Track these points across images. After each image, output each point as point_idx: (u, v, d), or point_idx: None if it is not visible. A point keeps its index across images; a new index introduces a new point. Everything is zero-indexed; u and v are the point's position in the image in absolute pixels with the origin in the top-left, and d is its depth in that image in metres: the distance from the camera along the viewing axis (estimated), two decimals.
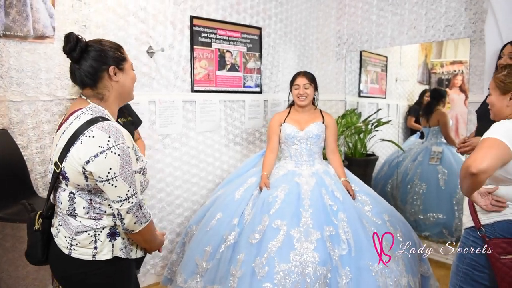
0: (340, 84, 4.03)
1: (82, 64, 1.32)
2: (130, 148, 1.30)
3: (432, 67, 4.08)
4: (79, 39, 1.32)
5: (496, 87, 1.65)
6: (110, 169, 1.24)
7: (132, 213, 1.29)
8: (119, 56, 1.39)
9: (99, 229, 1.33)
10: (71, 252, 1.32)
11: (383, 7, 3.56)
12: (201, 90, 3.06)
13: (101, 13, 2.49)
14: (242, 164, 2.98)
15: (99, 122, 1.27)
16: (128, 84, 1.43)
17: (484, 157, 1.46)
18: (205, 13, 3.04)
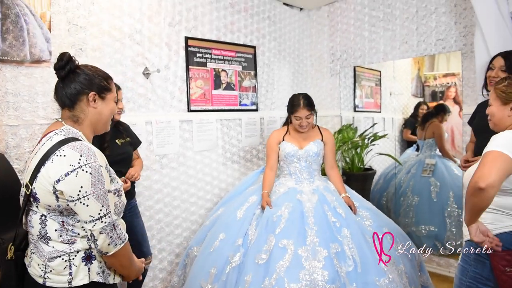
0: (335, 100, 4.06)
1: (67, 84, 1.35)
2: (102, 167, 1.28)
3: (425, 80, 4.14)
4: (71, 60, 1.35)
5: (497, 97, 1.65)
6: (81, 187, 1.21)
7: (105, 233, 1.26)
8: (104, 86, 1.40)
9: (73, 253, 1.28)
10: (45, 281, 1.28)
11: (375, 23, 3.62)
12: (198, 110, 3.07)
13: (96, 37, 2.52)
14: (241, 181, 2.96)
15: (71, 142, 1.26)
16: (106, 113, 1.42)
17: (491, 172, 1.44)
18: (199, 33, 3.09)
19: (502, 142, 1.49)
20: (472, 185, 1.48)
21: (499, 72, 2.20)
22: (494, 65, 2.24)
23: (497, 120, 1.66)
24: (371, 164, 4.13)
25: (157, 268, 2.88)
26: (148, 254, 2.49)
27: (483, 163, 1.49)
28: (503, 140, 1.50)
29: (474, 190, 1.47)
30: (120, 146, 2.31)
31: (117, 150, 2.27)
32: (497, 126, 1.68)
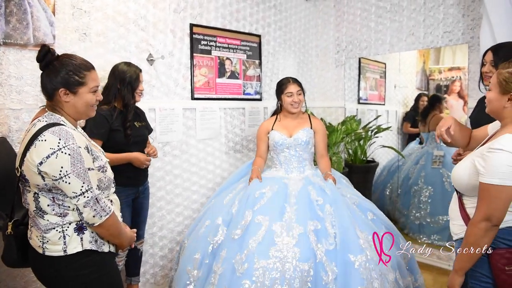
0: (340, 91, 4.03)
1: (43, 77, 1.45)
2: (81, 148, 1.39)
3: (430, 74, 4.10)
4: (49, 52, 1.43)
5: (497, 83, 1.51)
6: (61, 167, 1.34)
7: (89, 207, 1.39)
8: (75, 81, 1.44)
9: (65, 225, 1.42)
10: (44, 250, 1.42)
11: (382, 14, 3.58)
12: (201, 98, 3.06)
13: (101, 22, 2.50)
14: (232, 175, 2.89)
15: (52, 127, 1.37)
16: (80, 106, 1.48)
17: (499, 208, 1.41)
18: (205, 21, 3.05)
19: (503, 170, 1.40)
20: (485, 225, 1.43)
21: (490, 67, 2.15)
22: (486, 60, 2.18)
23: (494, 108, 1.55)
24: (374, 157, 4.12)
25: (157, 255, 2.89)
26: (141, 238, 2.57)
27: (489, 198, 1.43)
28: (504, 168, 1.40)
29: (488, 228, 1.43)
30: (139, 128, 2.39)
31: (136, 132, 2.35)
32: (492, 113, 1.58)
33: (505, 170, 1.40)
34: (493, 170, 1.42)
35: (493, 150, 1.44)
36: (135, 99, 2.33)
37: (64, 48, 2.35)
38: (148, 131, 2.51)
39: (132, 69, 2.30)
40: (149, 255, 2.83)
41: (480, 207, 1.46)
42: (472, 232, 1.48)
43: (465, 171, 1.57)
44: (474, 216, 1.50)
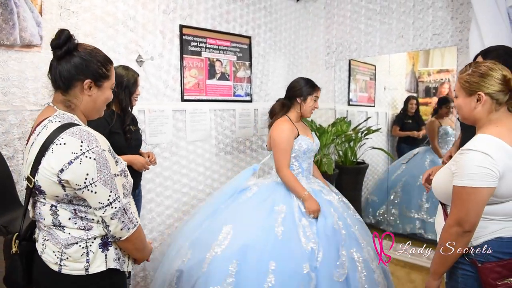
0: (330, 93, 4.05)
1: (62, 64, 1.25)
2: (106, 151, 1.22)
3: (420, 76, 4.14)
4: (70, 38, 1.24)
5: (461, 88, 1.46)
6: (87, 175, 1.16)
7: (116, 219, 1.23)
8: (102, 73, 1.29)
9: (90, 240, 1.25)
10: (61, 268, 1.24)
11: (371, 16, 3.60)
12: (191, 99, 3.04)
13: (89, 22, 2.47)
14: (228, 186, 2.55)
15: (69, 128, 1.19)
16: (100, 102, 1.34)
17: (470, 212, 1.35)
18: (194, 22, 3.04)
19: (473, 171, 1.33)
20: (456, 230, 1.38)
21: None
22: None
23: (465, 113, 1.49)
24: (364, 158, 4.14)
25: None
26: None
27: (459, 201, 1.37)
28: (474, 169, 1.33)
29: (459, 233, 1.38)
30: (135, 132, 2.37)
31: (134, 136, 2.33)
32: (466, 120, 1.52)
33: (474, 170, 1.33)
34: (463, 171, 1.36)
35: (464, 151, 1.38)
36: (132, 103, 2.31)
37: None
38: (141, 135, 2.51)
39: (130, 73, 2.28)
40: None
41: (452, 211, 1.41)
42: (444, 237, 1.43)
43: (443, 178, 1.50)
44: (447, 220, 1.44)
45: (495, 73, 1.41)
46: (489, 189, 1.34)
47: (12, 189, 2.14)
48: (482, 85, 1.41)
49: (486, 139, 1.37)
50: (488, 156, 1.32)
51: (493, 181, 1.33)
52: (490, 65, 1.43)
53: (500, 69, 1.42)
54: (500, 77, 1.41)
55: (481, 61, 1.49)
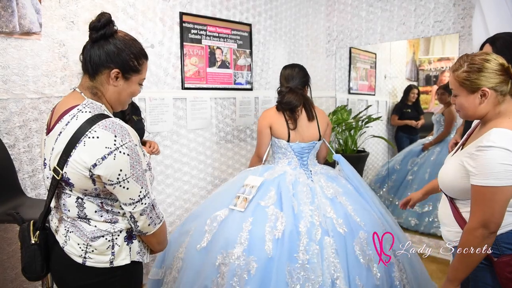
0: (331, 81, 4.03)
1: (94, 49, 1.20)
2: (137, 145, 1.19)
3: (420, 64, 4.11)
4: (109, 24, 1.20)
5: (460, 86, 1.39)
6: (120, 170, 1.13)
7: (146, 215, 1.21)
8: (133, 65, 1.24)
9: (116, 233, 1.24)
10: (85, 261, 1.22)
11: (373, 3, 3.57)
12: (192, 87, 3.03)
13: (88, 9, 2.45)
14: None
15: (101, 120, 1.14)
16: (125, 95, 1.28)
17: (494, 212, 1.29)
18: (194, 9, 3.01)
19: (497, 169, 1.27)
20: (481, 233, 1.30)
21: None
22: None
23: (469, 111, 1.42)
24: (364, 147, 4.14)
25: None
26: None
27: (484, 201, 1.30)
28: (498, 167, 1.27)
29: (485, 237, 1.30)
30: (137, 122, 2.37)
31: (136, 125, 2.30)
32: (470, 117, 1.45)
33: (499, 168, 1.26)
34: (485, 170, 1.28)
35: (483, 148, 1.30)
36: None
37: (51, 36, 2.30)
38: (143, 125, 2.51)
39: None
40: None
41: (475, 213, 1.32)
42: (468, 241, 1.34)
43: (455, 173, 1.43)
44: (469, 222, 1.36)
45: (492, 65, 1.35)
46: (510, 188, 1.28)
47: (13, 177, 2.15)
48: (483, 79, 1.34)
49: (505, 134, 1.30)
50: (510, 151, 1.26)
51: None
52: (484, 56, 1.37)
53: (495, 58, 1.37)
54: (499, 68, 1.35)
55: (474, 54, 1.41)
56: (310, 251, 1.94)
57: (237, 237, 2.00)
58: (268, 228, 2.00)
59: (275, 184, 2.26)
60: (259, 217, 2.07)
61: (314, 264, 1.91)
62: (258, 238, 1.97)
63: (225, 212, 2.19)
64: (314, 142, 2.45)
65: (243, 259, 1.91)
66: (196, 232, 2.20)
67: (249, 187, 2.24)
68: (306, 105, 2.44)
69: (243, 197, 2.20)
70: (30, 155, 2.26)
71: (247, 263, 1.90)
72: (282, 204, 2.13)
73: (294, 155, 2.42)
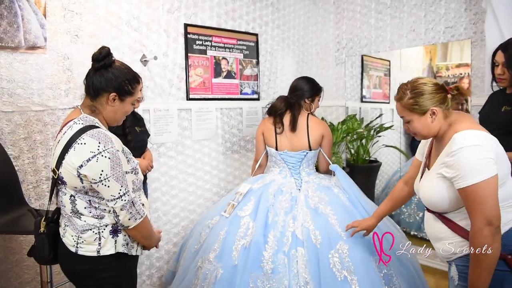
0: (341, 90, 3.97)
1: (96, 76, 1.47)
2: (119, 151, 1.43)
3: (437, 71, 3.99)
4: (109, 55, 1.48)
5: (411, 112, 1.51)
6: (102, 171, 1.37)
7: (125, 210, 1.43)
8: (127, 90, 1.51)
9: (102, 227, 1.47)
10: (78, 249, 1.46)
11: (382, 10, 3.51)
12: (197, 98, 3.03)
13: (93, 23, 2.50)
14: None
15: (90, 130, 1.40)
16: (120, 113, 1.55)
17: (492, 206, 1.33)
18: (199, 20, 3.03)
19: (477, 165, 1.34)
20: (489, 231, 1.33)
21: (504, 68, 2.06)
22: (497, 61, 2.10)
23: (425, 132, 1.53)
24: (377, 156, 4.04)
25: (154, 257, 2.88)
26: None
27: (478, 200, 1.34)
28: (477, 163, 1.35)
29: (493, 234, 1.33)
30: (139, 133, 2.44)
31: (137, 137, 2.38)
32: (427, 136, 1.57)
33: (478, 164, 1.34)
34: (467, 170, 1.36)
35: (455, 152, 1.38)
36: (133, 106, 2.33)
37: (56, 50, 2.36)
38: (147, 136, 2.56)
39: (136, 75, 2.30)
40: (145, 256, 2.82)
41: (475, 214, 1.35)
42: (479, 243, 1.35)
43: (439, 189, 1.48)
44: (472, 225, 1.37)
45: (430, 87, 1.49)
46: (496, 176, 1.35)
47: (17, 188, 2.18)
48: (429, 101, 1.48)
49: (468, 133, 1.40)
50: (480, 146, 1.36)
51: (495, 167, 1.36)
52: (421, 81, 1.51)
53: (429, 80, 1.51)
54: (436, 88, 1.49)
55: (411, 81, 1.54)
56: (276, 261, 2.02)
57: (213, 244, 2.18)
58: (238, 238, 2.14)
59: (258, 194, 2.37)
60: (233, 226, 2.22)
61: (280, 274, 1.97)
62: (228, 246, 2.12)
63: (217, 218, 2.37)
64: (305, 151, 2.45)
65: (213, 264, 2.09)
66: (195, 235, 2.41)
67: (239, 194, 2.40)
68: (292, 114, 2.46)
69: (232, 204, 2.37)
70: (34, 166, 2.30)
71: (215, 269, 2.06)
72: (256, 215, 2.23)
73: (284, 164, 2.50)
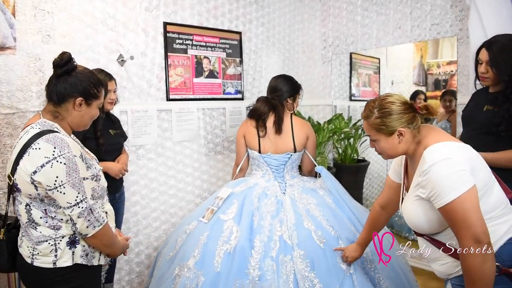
0: (327, 88, 3.90)
1: (59, 82, 1.43)
2: (76, 156, 1.37)
3: (429, 68, 3.93)
4: (70, 60, 1.44)
5: (378, 132, 1.43)
6: (57, 177, 1.31)
7: (83, 217, 1.37)
8: (93, 93, 1.48)
9: (58, 238, 1.40)
10: (33, 261, 1.40)
11: (368, 7, 3.43)
12: (177, 99, 2.96)
13: (65, 22, 2.42)
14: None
15: (46, 134, 1.34)
16: (87, 118, 1.52)
17: (476, 220, 1.22)
18: (179, 19, 2.95)
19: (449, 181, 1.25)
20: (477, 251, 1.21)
21: (487, 66, 2.00)
22: (481, 59, 2.03)
23: (392, 152, 1.46)
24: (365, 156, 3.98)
25: (133, 262, 2.81)
26: None
27: (459, 217, 1.24)
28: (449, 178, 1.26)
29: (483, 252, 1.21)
30: (113, 136, 2.36)
31: (111, 140, 2.31)
32: (394, 156, 1.50)
33: (451, 179, 1.25)
34: (441, 188, 1.26)
35: (426, 171, 1.30)
36: (103, 108, 2.27)
37: (26, 50, 2.28)
38: (123, 138, 2.48)
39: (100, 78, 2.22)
40: (124, 261, 2.76)
41: (459, 233, 1.25)
42: (470, 265, 1.24)
43: (422, 211, 1.39)
44: (460, 246, 1.27)
45: (398, 106, 1.41)
46: (473, 188, 1.26)
47: None
48: (396, 121, 1.40)
49: (436, 147, 1.33)
50: (450, 159, 1.28)
51: (471, 179, 1.27)
52: (388, 99, 1.43)
53: (398, 99, 1.43)
54: (404, 107, 1.41)
55: (379, 99, 1.46)
56: (264, 267, 1.90)
57: (192, 250, 2.03)
58: (220, 242, 2.00)
59: (241, 197, 2.25)
60: (215, 231, 2.08)
61: (268, 281, 1.85)
62: (209, 252, 1.98)
63: (194, 224, 2.23)
64: (289, 153, 2.37)
65: (193, 272, 1.94)
66: (171, 243, 2.27)
67: (218, 199, 2.27)
68: (276, 116, 2.37)
69: (211, 209, 2.24)
70: (4, 171, 2.23)
71: (196, 276, 1.91)
72: (241, 218, 2.11)
73: (267, 167, 2.39)
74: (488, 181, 1.34)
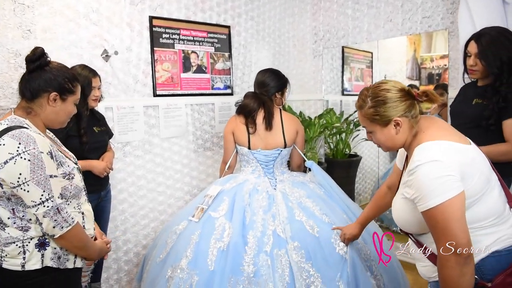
0: (319, 83, 3.85)
1: (32, 78, 1.40)
2: (44, 153, 1.31)
3: (422, 62, 3.89)
4: (43, 55, 1.40)
5: (372, 122, 1.35)
6: (20, 174, 1.27)
7: (48, 217, 1.31)
8: (68, 88, 1.44)
9: (26, 240, 1.35)
10: (2, 263, 1.35)
11: (359, 1, 3.38)
12: (165, 94, 2.91)
13: (47, 17, 2.35)
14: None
15: (12, 130, 1.30)
16: (63, 114, 1.47)
17: (457, 230, 1.14)
18: (166, 12, 2.89)
19: (433, 186, 1.17)
20: (456, 261, 1.14)
21: (476, 59, 1.97)
22: (470, 51, 2.00)
23: (390, 144, 1.37)
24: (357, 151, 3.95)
25: (122, 260, 2.77)
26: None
27: (439, 225, 1.17)
28: (433, 183, 1.17)
29: (462, 264, 1.14)
30: (97, 134, 2.30)
31: (95, 138, 2.26)
32: (392, 148, 1.40)
33: (434, 184, 1.16)
34: (424, 192, 1.18)
35: (412, 171, 1.22)
36: (87, 105, 2.22)
37: (6, 46, 2.22)
38: (108, 136, 2.43)
39: (83, 75, 2.17)
40: (112, 260, 2.72)
41: (438, 241, 1.18)
42: (447, 275, 1.17)
43: (404, 209, 1.34)
44: (438, 254, 1.19)
45: (394, 94, 1.30)
46: (460, 195, 1.16)
47: None
48: (392, 110, 1.30)
49: (427, 146, 1.24)
50: (439, 161, 1.18)
51: (459, 185, 1.17)
52: (384, 86, 1.33)
53: (394, 85, 1.33)
54: (400, 94, 1.31)
55: (372, 86, 1.36)
56: (258, 262, 1.87)
57: (184, 250, 1.98)
58: (213, 240, 1.96)
59: (231, 194, 2.20)
60: (207, 229, 2.03)
61: (263, 277, 1.82)
62: (202, 250, 1.94)
63: (184, 224, 2.17)
64: (279, 149, 2.34)
65: (187, 272, 1.89)
66: (160, 244, 2.20)
67: (208, 197, 2.21)
68: (266, 112, 2.32)
69: (200, 208, 2.18)
70: None
71: (189, 277, 1.87)
72: (232, 215, 2.07)
73: (257, 163, 2.35)
74: (482, 188, 1.24)
